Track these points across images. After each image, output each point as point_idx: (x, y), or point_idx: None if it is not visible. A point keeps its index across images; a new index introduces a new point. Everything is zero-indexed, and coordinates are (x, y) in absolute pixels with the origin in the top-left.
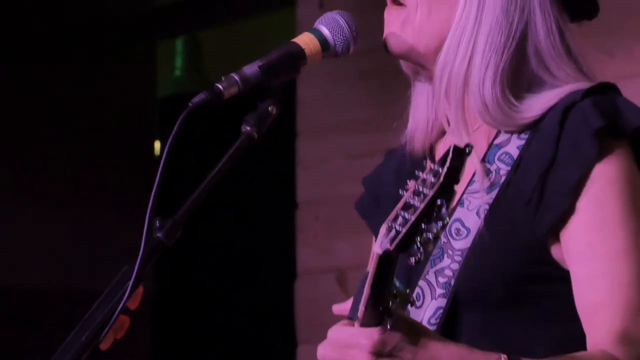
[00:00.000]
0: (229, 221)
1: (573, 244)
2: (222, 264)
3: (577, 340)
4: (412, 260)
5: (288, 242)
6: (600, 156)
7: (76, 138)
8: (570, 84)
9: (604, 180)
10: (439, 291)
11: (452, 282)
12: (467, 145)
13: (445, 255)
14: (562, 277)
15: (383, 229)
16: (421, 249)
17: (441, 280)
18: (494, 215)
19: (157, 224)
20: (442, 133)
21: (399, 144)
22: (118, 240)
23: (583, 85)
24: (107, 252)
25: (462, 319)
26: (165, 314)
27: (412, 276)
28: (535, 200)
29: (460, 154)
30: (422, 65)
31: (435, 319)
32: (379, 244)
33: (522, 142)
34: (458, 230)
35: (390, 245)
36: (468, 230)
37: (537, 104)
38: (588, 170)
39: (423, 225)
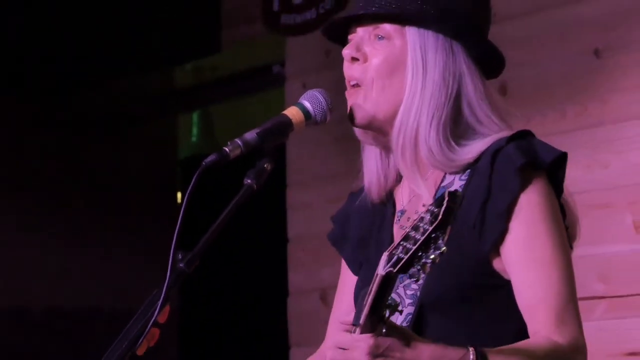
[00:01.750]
0: (236, 253)
1: (511, 256)
2: (231, 286)
3: (517, 333)
4: (413, 279)
5: (282, 268)
6: (523, 186)
7: (117, 190)
8: (496, 133)
9: (529, 204)
10: (408, 301)
11: (418, 294)
12: (457, 191)
13: None
14: (502, 285)
15: (385, 256)
16: (420, 271)
17: (409, 292)
18: (448, 240)
19: (180, 256)
20: (399, 180)
21: (359, 190)
22: (149, 269)
23: (506, 133)
24: (141, 278)
25: (427, 322)
26: (187, 326)
27: (404, 281)
28: (478, 226)
29: (454, 197)
30: (382, 131)
31: (406, 323)
32: (382, 267)
33: (463, 182)
34: None
35: (394, 268)
36: None
37: (472, 149)
38: (516, 198)
39: (420, 252)
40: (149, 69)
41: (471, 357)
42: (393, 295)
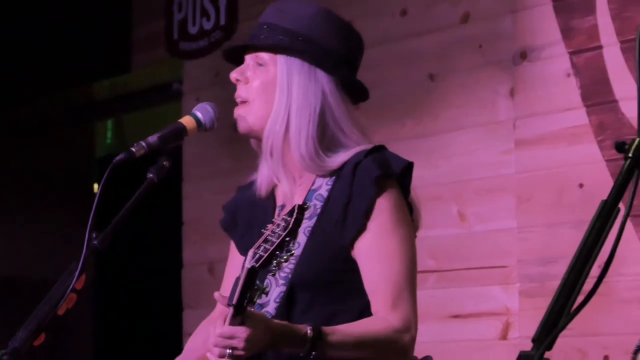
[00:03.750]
0: (141, 233)
1: (364, 249)
2: (137, 260)
3: (368, 309)
4: (270, 274)
5: (177, 246)
6: (378, 193)
7: (46, 182)
8: (358, 146)
9: (383, 208)
10: (281, 282)
11: (290, 276)
12: (305, 203)
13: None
14: (357, 270)
15: (250, 253)
16: (276, 267)
17: (282, 275)
18: (315, 233)
19: (94, 235)
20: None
21: (248, 184)
22: (70, 245)
23: (366, 146)
24: (62, 253)
25: (296, 298)
26: (100, 292)
27: (265, 274)
28: (340, 223)
29: (302, 210)
30: (260, 138)
31: (279, 299)
32: (249, 262)
33: (329, 186)
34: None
35: (256, 264)
36: (299, 244)
37: (337, 159)
38: (373, 202)
39: (277, 252)
40: (74, 85)
41: (309, 332)
42: (269, 277)
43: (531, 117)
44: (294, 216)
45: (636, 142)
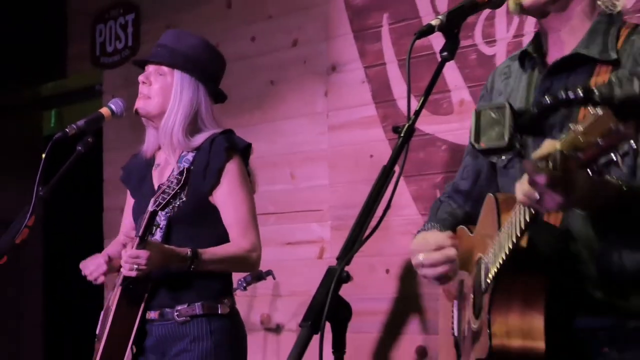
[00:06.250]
0: (76, 188)
1: (220, 197)
2: (72, 207)
3: (227, 237)
4: (168, 214)
5: (100, 196)
6: (227, 159)
7: (9, 152)
8: (214, 129)
9: (230, 169)
10: (163, 218)
11: (168, 214)
12: (190, 168)
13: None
14: (217, 211)
15: (152, 200)
16: (172, 210)
17: (164, 216)
18: (187, 186)
19: (41, 188)
20: (159, 148)
21: (138, 153)
22: (24, 195)
23: (219, 130)
24: (21, 201)
25: (173, 231)
26: (46, 229)
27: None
28: (202, 178)
29: (188, 173)
30: (153, 122)
31: (163, 233)
32: (151, 206)
33: (194, 154)
34: None
35: (157, 208)
36: None
37: (199, 139)
38: (223, 165)
39: (171, 200)
40: (27, 85)
41: (188, 253)
42: (157, 219)
43: (338, 110)
44: (184, 175)
45: (405, 127)
